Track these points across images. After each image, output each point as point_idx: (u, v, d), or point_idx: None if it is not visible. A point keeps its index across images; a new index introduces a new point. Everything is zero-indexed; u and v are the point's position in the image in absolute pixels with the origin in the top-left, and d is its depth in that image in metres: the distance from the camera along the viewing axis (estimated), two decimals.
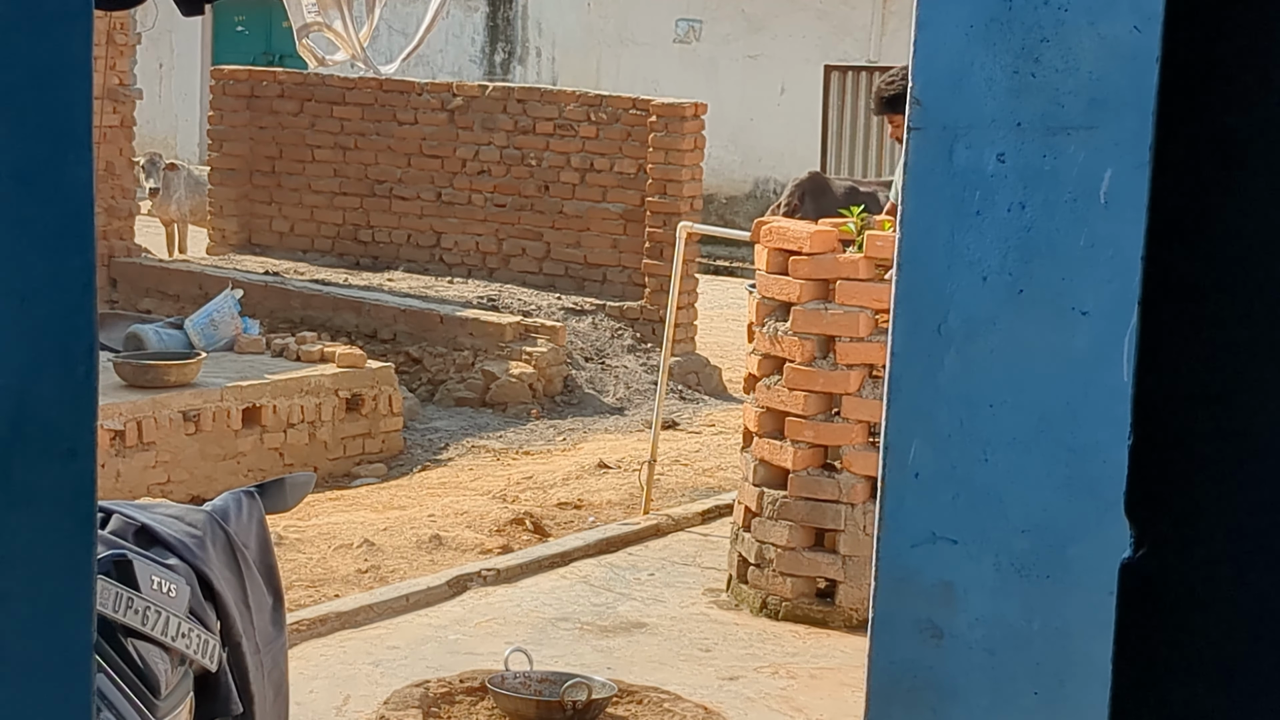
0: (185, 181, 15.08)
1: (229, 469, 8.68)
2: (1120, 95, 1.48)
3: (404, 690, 5.47)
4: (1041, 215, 1.52)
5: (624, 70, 19.49)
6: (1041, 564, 1.54)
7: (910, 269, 1.57)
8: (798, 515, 6.50)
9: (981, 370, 1.55)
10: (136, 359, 8.80)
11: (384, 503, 8.20)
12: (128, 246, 12.64)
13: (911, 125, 1.56)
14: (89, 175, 1.36)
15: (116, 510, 3.18)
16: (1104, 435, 1.49)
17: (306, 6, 6.66)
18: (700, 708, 5.52)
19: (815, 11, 18.81)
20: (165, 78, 22.57)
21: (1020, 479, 1.54)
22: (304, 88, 13.32)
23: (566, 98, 12.49)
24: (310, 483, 3.90)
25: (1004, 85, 1.52)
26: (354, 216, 13.17)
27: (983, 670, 1.57)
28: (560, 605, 6.61)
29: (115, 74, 12.28)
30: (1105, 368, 1.49)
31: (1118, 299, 1.49)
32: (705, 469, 9.00)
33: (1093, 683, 1.49)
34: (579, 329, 11.50)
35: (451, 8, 19.58)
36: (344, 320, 11.41)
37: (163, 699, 2.92)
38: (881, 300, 6.30)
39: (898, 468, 1.58)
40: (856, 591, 6.38)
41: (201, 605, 3.14)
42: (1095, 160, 1.49)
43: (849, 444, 6.45)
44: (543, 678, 5.47)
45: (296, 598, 6.40)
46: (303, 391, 9.14)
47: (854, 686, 5.68)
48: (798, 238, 6.53)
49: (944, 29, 1.54)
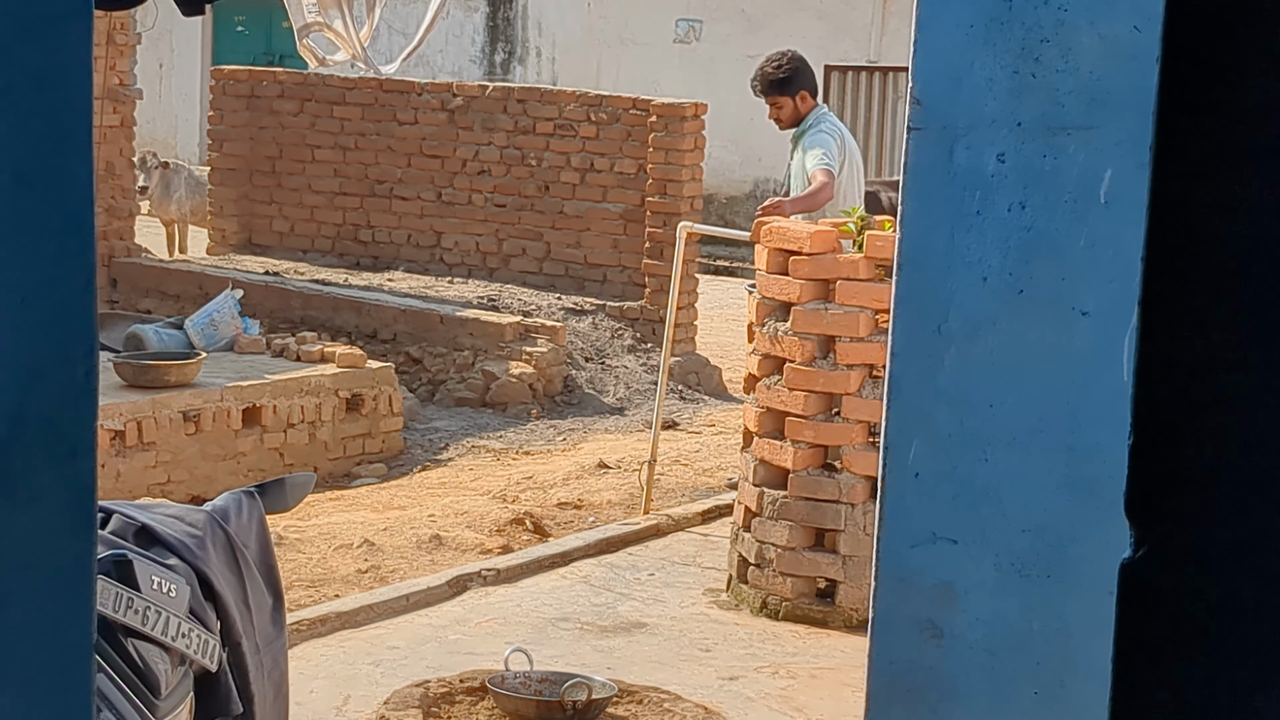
0: (186, 181, 15.08)
1: (229, 469, 8.68)
2: (1120, 95, 1.48)
3: (404, 690, 5.47)
4: (1041, 215, 1.52)
5: (624, 70, 19.49)
6: (1041, 564, 1.54)
7: (910, 269, 1.57)
8: (798, 515, 6.50)
9: (981, 370, 1.55)
10: (136, 359, 8.80)
11: (384, 503, 8.20)
12: (128, 246, 12.64)
13: (911, 125, 1.56)
14: (89, 175, 1.36)
15: (116, 510, 3.18)
16: (1104, 435, 1.49)
17: (307, 6, 6.67)
18: (700, 708, 5.52)
19: (815, 11, 18.81)
20: (165, 78, 22.57)
21: (1020, 479, 1.54)
22: (304, 88, 13.32)
23: (566, 98, 12.49)
24: (310, 483, 3.90)
25: (1004, 85, 1.52)
26: (354, 216, 13.17)
27: (983, 670, 1.57)
28: (560, 605, 6.61)
29: (115, 74, 12.28)
30: (1105, 368, 1.49)
31: (1118, 299, 1.49)
32: (705, 469, 9.00)
33: (1093, 683, 1.49)
34: (579, 329, 11.50)
35: (451, 8, 19.58)
36: (344, 320, 11.41)
37: (163, 699, 2.92)
38: (881, 300, 6.30)
39: (898, 468, 1.58)
40: (856, 591, 6.38)
41: (201, 605, 3.14)
42: (1095, 160, 1.49)
43: (849, 444, 6.45)
44: (543, 678, 5.47)
45: (296, 598, 6.40)
46: (303, 391, 9.14)
47: (854, 686, 5.68)
48: (798, 238, 6.54)
49: (944, 29, 1.54)
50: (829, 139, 7.72)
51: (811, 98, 7.90)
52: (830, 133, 7.77)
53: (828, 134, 7.75)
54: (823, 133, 7.75)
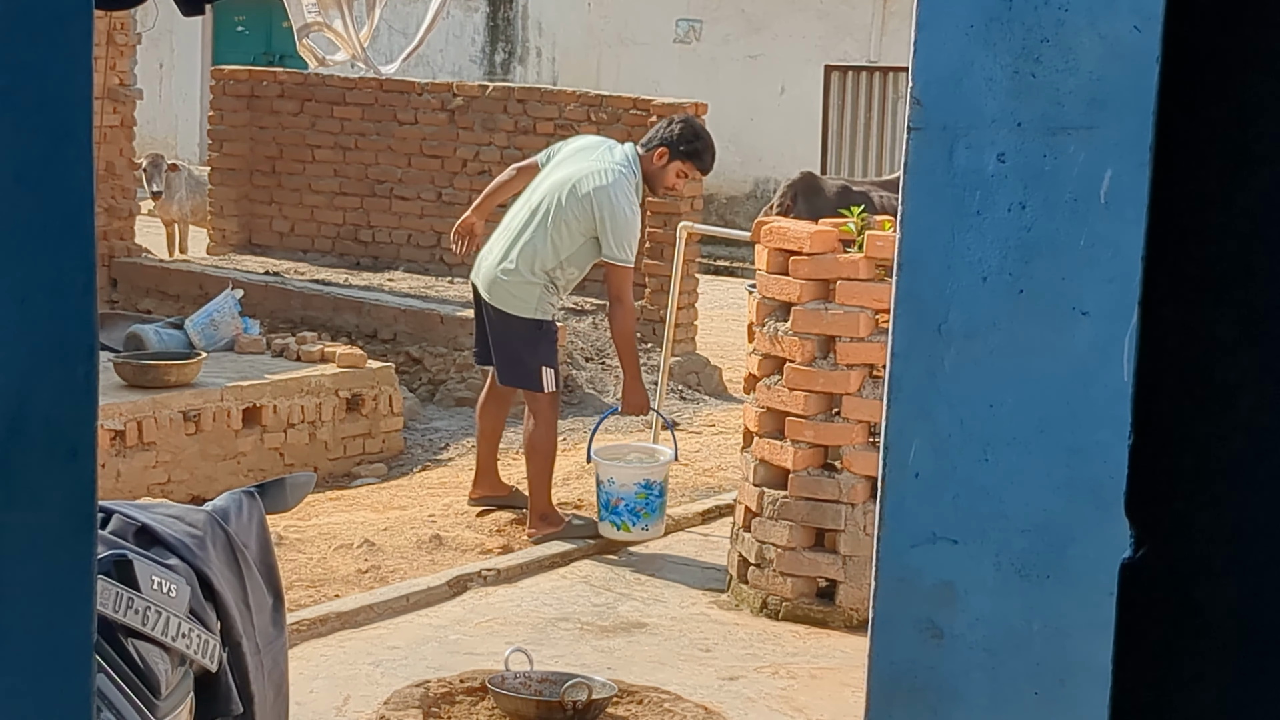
0: (186, 182, 15.08)
1: (229, 469, 8.68)
2: (1120, 95, 1.48)
3: (404, 690, 5.47)
4: (1041, 215, 1.52)
5: (624, 70, 19.48)
6: (1041, 564, 1.54)
7: (910, 269, 1.57)
8: (798, 515, 6.50)
9: (981, 370, 1.55)
10: (136, 359, 8.79)
11: (384, 503, 8.20)
12: (128, 246, 12.64)
13: (911, 125, 1.56)
14: (89, 175, 1.36)
15: (116, 510, 3.18)
16: (1104, 435, 1.49)
17: (307, 6, 6.66)
18: (700, 708, 5.52)
19: (815, 11, 18.81)
20: (165, 78, 22.57)
21: (1020, 479, 1.54)
22: (304, 88, 13.32)
23: (567, 98, 12.49)
24: (310, 483, 3.90)
25: (1004, 85, 1.53)
26: (354, 216, 13.17)
27: (983, 670, 1.57)
28: (560, 605, 6.61)
29: (115, 74, 12.28)
30: (1105, 368, 1.49)
31: (1118, 299, 1.49)
32: (705, 469, 9.00)
33: (1093, 683, 1.49)
34: (579, 329, 11.50)
35: (451, 8, 19.58)
36: (344, 320, 11.41)
37: (163, 699, 2.92)
38: (881, 300, 6.30)
39: (898, 468, 1.58)
40: (856, 591, 6.38)
41: (202, 605, 3.14)
42: (1095, 160, 1.49)
43: (849, 444, 6.45)
44: (543, 678, 5.47)
45: (296, 598, 6.40)
46: (303, 391, 9.14)
47: (854, 686, 5.68)
48: (798, 238, 6.54)
49: (944, 29, 1.54)
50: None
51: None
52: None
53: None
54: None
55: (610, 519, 7.21)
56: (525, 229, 7.29)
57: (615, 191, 7.23)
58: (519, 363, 7.36)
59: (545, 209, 7.29)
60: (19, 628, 1.35)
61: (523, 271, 7.26)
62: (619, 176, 7.27)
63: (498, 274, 7.31)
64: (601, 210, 7.19)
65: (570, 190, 7.25)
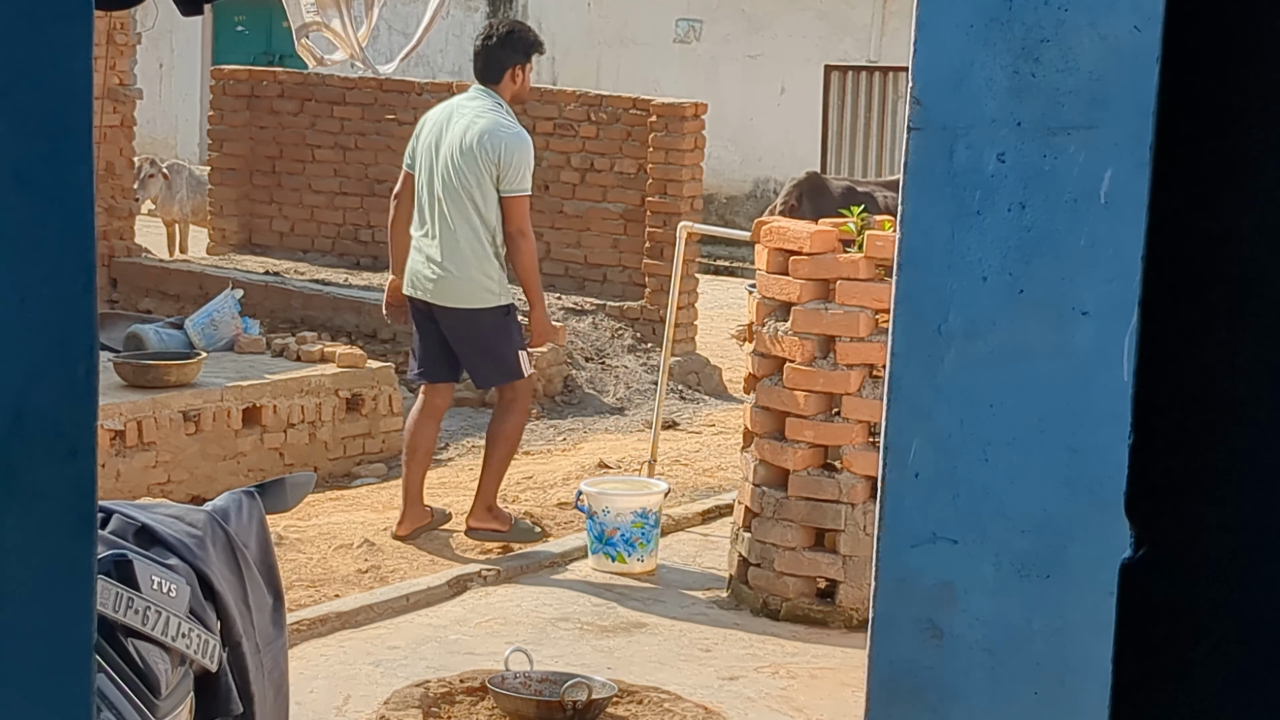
0: (186, 181, 15.08)
1: (229, 469, 8.68)
2: (1120, 95, 1.48)
3: (404, 690, 5.48)
4: (1041, 215, 1.52)
5: (624, 70, 19.48)
6: (1041, 564, 1.54)
7: (910, 269, 1.57)
8: (798, 515, 6.50)
9: (981, 370, 1.55)
10: (136, 359, 8.79)
11: (384, 503, 8.20)
12: (128, 246, 12.64)
13: (911, 125, 1.56)
14: (89, 175, 1.36)
15: (116, 510, 3.18)
16: (1104, 435, 1.49)
17: (305, 6, 6.67)
18: (700, 708, 5.52)
19: (815, 11, 18.81)
20: (165, 78, 22.57)
21: (1020, 479, 1.54)
22: (304, 88, 13.32)
23: (566, 98, 12.49)
24: (310, 483, 3.90)
25: (1004, 85, 1.53)
26: (354, 216, 13.17)
27: (983, 670, 1.57)
28: (560, 605, 6.61)
29: (115, 74, 12.27)
30: (1105, 368, 1.49)
31: (1118, 299, 1.49)
32: (705, 469, 9.00)
33: (1093, 683, 1.49)
34: (579, 329, 11.50)
35: (451, 8, 19.58)
36: (344, 320, 11.41)
37: (163, 699, 2.92)
38: (881, 300, 6.30)
39: (898, 468, 1.58)
40: (856, 591, 6.38)
41: (201, 605, 3.14)
42: (1095, 160, 1.49)
43: (849, 444, 6.45)
44: (543, 678, 5.47)
45: (296, 598, 6.40)
46: (303, 391, 9.14)
47: (854, 686, 5.68)
48: (798, 238, 6.54)
49: (944, 29, 1.54)
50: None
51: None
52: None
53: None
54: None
55: (604, 550, 7.10)
56: (449, 218, 7.09)
57: (497, 126, 7.10)
58: (497, 357, 7.28)
59: (453, 188, 7.11)
60: (19, 628, 1.35)
61: (469, 257, 7.09)
62: (490, 112, 7.15)
63: (447, 274, 7.11)
64: (496, 149, 7.05)
65: (462, 155, 7.08)
